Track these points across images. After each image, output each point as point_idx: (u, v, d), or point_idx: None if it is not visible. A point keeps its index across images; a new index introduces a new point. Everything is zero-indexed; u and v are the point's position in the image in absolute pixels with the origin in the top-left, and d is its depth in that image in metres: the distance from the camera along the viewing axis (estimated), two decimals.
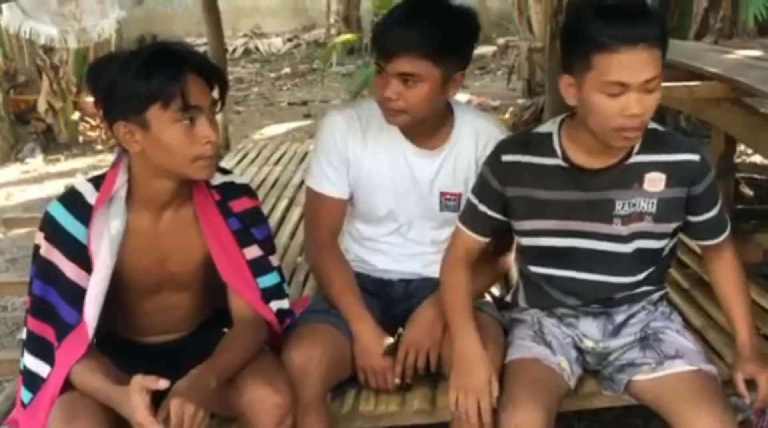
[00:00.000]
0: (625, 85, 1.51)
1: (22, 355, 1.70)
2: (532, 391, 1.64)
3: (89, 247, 1.61)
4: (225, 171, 1.79)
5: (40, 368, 1.64)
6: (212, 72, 1.59)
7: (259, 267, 1.76)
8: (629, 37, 1.50)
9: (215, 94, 1.61)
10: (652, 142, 1.68)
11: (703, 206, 1.74)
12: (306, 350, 1.77)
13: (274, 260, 1.82)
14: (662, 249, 1.78)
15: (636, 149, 1.68)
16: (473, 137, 1.95)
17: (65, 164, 6.29)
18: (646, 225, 1.71)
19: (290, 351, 1.78)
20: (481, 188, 1.79)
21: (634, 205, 1.69)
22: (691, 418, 1.60)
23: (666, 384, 1.68)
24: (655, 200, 1.69)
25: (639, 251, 1.74)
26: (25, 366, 1.67)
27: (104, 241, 1.60)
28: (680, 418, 1.62)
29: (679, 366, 1.69)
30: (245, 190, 1.80)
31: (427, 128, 1.91)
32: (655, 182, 1.68)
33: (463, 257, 1.82)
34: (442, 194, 1.96)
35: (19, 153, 6.58)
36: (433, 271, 1.99)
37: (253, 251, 1.75)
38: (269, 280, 1.78)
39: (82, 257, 1.61)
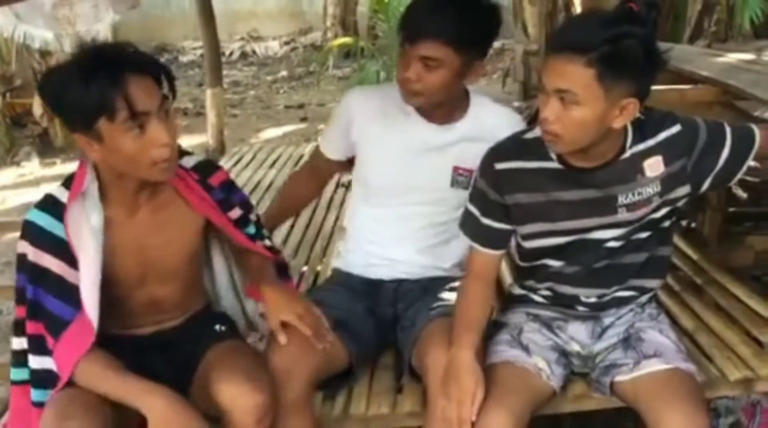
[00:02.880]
0: None
1: (21, 365, 1.70)
2: (499, 394, 1.66)
3: (69, 242, 1.62)
4: (188, 153, 1.81)
5: (46, 363, 1.66)
6: (154, 68, 1.54)
7: (241, 223, 1.87)
8: None
9: (165, 89, 1.56)
10: (639, 130, 1.68)
11: (717, 151, 1.71)
12: (290, 349, 1.76)
13: (252, 216, 1.93)
14: (665, 218, 1.77)
15: (629, 143, 1.68)
16: (491, 120, 1.99)
17: (61, 168, 6.28)
18: (654, 204, 1.71)
19: (273, 351, 1.77)
20: (481, 201, 1.78)
21: (640, 193, 1.69)
22: (662, 416, 1.60)
23: (643, 383, 1.69)
24: (658, 181, 1.69)
25: (644, 226, 1.74)
26: (32, 370, 1.68)
27: (87, 236, 1.62)
28: (653, 416, 1.63)
29: (655, 365, 1.70)
30: (214, 165, 1.87)
31: (443, 108, 1.98)
32: (654, 166, 1.68)
33: (480, 272, 1.82)
34: (455, 168, 1.99)
35: (15, 157, 6.59)
36: (424, 258, 2.04)
37: (235, 213, 1.85)
38: (249, 230, 1.89)
39: (65, 253, 1.63)
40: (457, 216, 1.98)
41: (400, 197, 2.03)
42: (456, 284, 1.96)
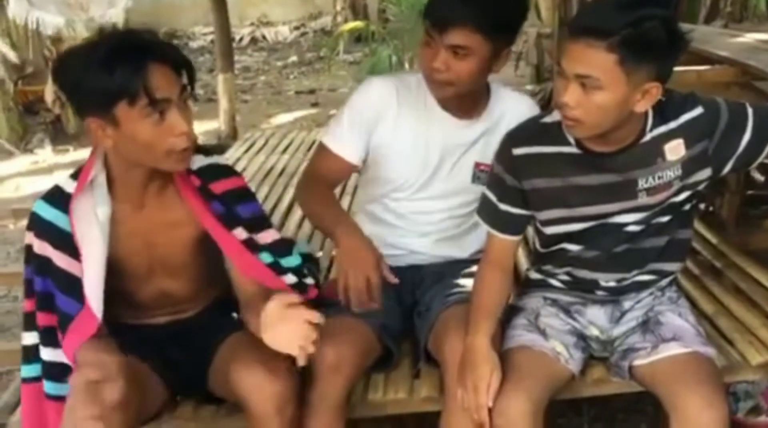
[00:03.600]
0: None
1: (31, 361, 1.70)
2: (517, 379, 1.64)
3: (74, 235, 1.61)
4: (207, 152, 1.76)
5: (59, 355, 1.66)
6: (177, 58, 1.54)
7: (251, 247, 1.73)
8: None
9: (184, 79, 1.56)
10: (658, 114, 1.66)
11: (739, 133, 1.68)
12: (338, 348, 1.74)
13: (266, 236, 1.77)
14: (686, 201, 1.75)
15: (649, 126, 1.65)
16: (510, 112, 1.94)
17: (74, 155, 6.30)
18: (675, 188, 1.69)
19: (323, 347, 1.70)
20: (498, 187, 1.77)
21: (660, 177, 1.67)
22: (680, 399, 1.59)
23: (661, 367, 1.67)
24: (679, 164, 1.67)
25: (665, 210, 1.72)
26: (44, 362, 1.68)
27: (93, 229, 1.60)
28: (671, 400, 1.61)
29: (673, 349, 1.68)
30: (226, 170, 1.77)
31: (467, 101, 1.92)
32: (675, 149, 1.66)
33: (497, 259, 1.80)
34: (476, 164, 1.96)
35: (28, 144, 6.61)
36: (443, 249, 2.02)
37: (239, 234, 1.71)
38: (264, 258, 1.74)
39: (69, 246, 1.62)
40: (474, 208, 1.96)
41: (420, 192, 2.00)
42: (473, 269, 1.95)
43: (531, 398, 1.62)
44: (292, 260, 1.80)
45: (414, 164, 1.96)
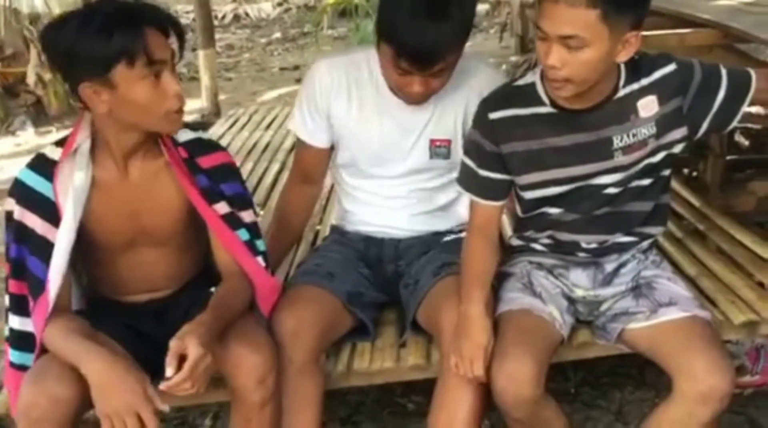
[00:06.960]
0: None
1: (6, 321, 1.71)
2: (522, 341, 1.65)
3: (57, 202, 1.61)
4: (193, 128, 1.77)
5: (26, 325, 1.66)
6: (169, 23, 1.59)
7: (230, 221, 1.74)
8: None
9: (173, 44, 1.60)
10: (631, 71, 1.66)
11: (712, 92, 1.68)
12: (296, 312, 1.78)
13: (245, 215, 1.78)
14: (663, 164, 1.75)
15: (621, 83, 1.66)
16: (465, 81, 1.90)
17: (57, 136, 6.20)
18: (650, 147, 1.69)
19: (280, 314, 1.78)
20: (477, 153, 1.76)
21: (635, 135, 1.67)
22: (688, 363, 1.59)
23: (661, 331, 1.68)
24: (653, 122, 1.67)
25: (642, 172, 1.72)
26: (11, 329, 1.69)
27: (69, 194, 1.60)
28: (677, 363, 1.61)
29: (673, 313, 1.69)
30: (212, 145, 1.78)
31: None
32: (649, 106, 1.66)
33: (482, 226, 1.79)
34: (431, 141, 1.94)
35: (9, 126, 6.55)
36: (420, 224, 2.01)
37: (221, 208, 1.73)
38: (241, 235, 1.75)
39: (51, 213, 1.62)
40: (445, 181, 1.96)
41: (380, 170, 1.98)
42: (460, 237, 1.95)
43: (535, 359, 1.61)
44: (261, 245, 1.81)
45: (369, 145, 1.95)
